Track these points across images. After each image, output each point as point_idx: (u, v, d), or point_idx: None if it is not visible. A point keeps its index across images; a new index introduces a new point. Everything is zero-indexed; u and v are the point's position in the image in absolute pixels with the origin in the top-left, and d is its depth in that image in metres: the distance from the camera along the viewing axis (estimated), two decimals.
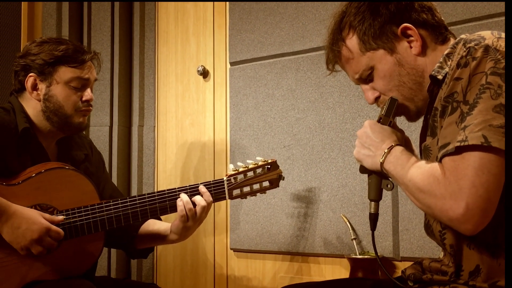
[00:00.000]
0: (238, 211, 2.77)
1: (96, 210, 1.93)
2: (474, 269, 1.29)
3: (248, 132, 2.78)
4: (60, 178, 1.92)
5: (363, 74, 1.47)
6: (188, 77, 3.07)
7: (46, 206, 1.88)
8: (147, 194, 1.99)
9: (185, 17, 3.11)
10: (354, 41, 1.45)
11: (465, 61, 1.23)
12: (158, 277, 3.10)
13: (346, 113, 2.47)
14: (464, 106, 1.21)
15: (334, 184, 2.49)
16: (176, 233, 2.07)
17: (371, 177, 1.47)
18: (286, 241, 2.61)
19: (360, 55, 1.45)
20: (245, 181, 2.04)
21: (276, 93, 2.70)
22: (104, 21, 3.17)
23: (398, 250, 2.31)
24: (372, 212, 1.50)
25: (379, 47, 1.42)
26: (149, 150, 3.17)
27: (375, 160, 1.41)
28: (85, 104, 2.05)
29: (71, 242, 1.91)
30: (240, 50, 2.83)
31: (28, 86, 2.02)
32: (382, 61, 1.43)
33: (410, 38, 1.41)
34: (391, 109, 1.44)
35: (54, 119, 2.02)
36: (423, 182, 1.25)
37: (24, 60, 2.03)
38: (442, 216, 1.21)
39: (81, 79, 2.03)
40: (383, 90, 1.46)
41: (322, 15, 2.56)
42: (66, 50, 2.01)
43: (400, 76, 1.42)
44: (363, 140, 1.45)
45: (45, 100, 2.02)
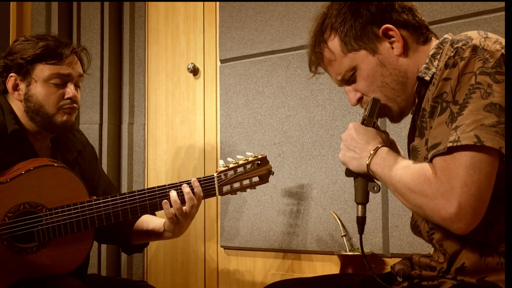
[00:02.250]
0: (229, 209, 2.77)
1: (85, 208, 1.90)
2: (460, 266, 1.30)
3: (238, 130, 2.78)
4: (49, 176, 1.89)
5: (345, 75, 1.46)
6: (179, 74, 3.07)
7: (35, 204, 1.86)
8: (137, 191, 1.97)
9: (175, 15, 3.10)
10: (336, 42, 1.45)
11: (453, 61, 1.24)
12: (149, 275, 3.10)
13: (336, 111, 2.48)
14: (453, 106, 1.21)
15: (324, 181, 2.49)
16: (169, 231, 2.05)
17: (357, 180, 1.45)
18: (276, 238, 2.61)
19: (342, 56, 1.44)
20: (235, 177, 2.03)
21: (266, 90, 2.70)
22: (93, 19, 3.16)
23: (388, 247, 2.32)
24: (360, 215, 1.48)
25: (361, 48, 1.42)
26: (139, 148, 3.16)
27: (361, 162, 1.40)
28: (68, 102, 1.98)
29: (60, 240, 1.89)
30: (230, 47, 2.83)
31: (9, 86, 1.98)
32: (364, 62, 1.43)
33: (392, 39, 1.41)
34: (374, 109, 1.43)
35: (37, 119, 1.97)
36: (414, 182, 1.25)
37: (5, 61, 1.99)
38: (434, 215, 1.22)
39: (61, 76, 1.97)
40: (365, 91, 1.45)
41: (312, 13, 2.56)
42: (44, 47, 1.95)
43: (383, 76, 1.42)
44: (348, 143, 1.44)
45: (25, 100, 1.97)
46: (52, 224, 1.87)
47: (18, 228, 1.84)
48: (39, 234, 1.86)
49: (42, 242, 1.87)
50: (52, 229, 1.87)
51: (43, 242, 1.87)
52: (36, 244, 1.86)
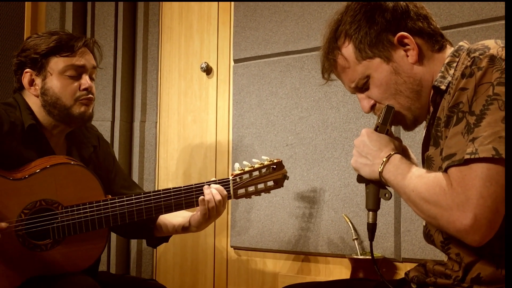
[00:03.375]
0: (239, 209, 2.77)
1: (101, 207, 1.91)
2: (476, 276, 1.29)
3: (250, 130, 2.77)
4: (66, 174, 1.90)
5: (359, 82, 1.45)
6: (191, 73, 3.06)
7: (51, 202, 1.87)
8: (152, 192, 1.98)
9: (189, 14, 3.10)
10: (350, 49, 1.43)
11: (470, 71, 1.22)
12: (158, 273, 3.10)
13: (350, 113, 2.47)
14: (470, 117, 1.20)
15: (337, 184, 2.48)
16: (196, 226, 2.07)
17: (368, 186, 1.44)
18: (287, 239, 2.61)
19: (356, 63, 1.43)
20: (250, 180, 2.04)
21: (280, 91, 2.69)
22: (108, 17, 3.16)
23: (400, 251, 2.31)
24: (370, 222, 1.47)
25: (375, 55, 1.41)
26: (151, 146, 3.16)
27: (373, 169, 1.39)
28: (84, 93, 1.99)
29: (74, 238, 1.90)
30: (244, 47, 2.82)
31: (25, 82, 2.00)
32: (378, 70, 1.41)
33: (407, 47, 1.40)
34: (387, 117, 1.42)
35: (55, 112, 1.98)
36: (429, 192, 1.24)
37: (19, 58, 2.01)
38: (449, 227, 1.21)
39: (76, 67, 1.98)
40: (379, 99, 1.44)
41: (327, 14, 2.55)
42: (57, 40, 1.97)
43: (397, 84, 1.41)
44: (360, 149, 1.43)
45: (42, 94, 1.98)
46: (67, 222, 1.88)
47: (33, 224, 1.85)
48: (54, 231, 1.87)
49: (57, 239, 1.88)
50: (67, 227, 1.88)
51: (58, 240, 1.88)
52: (51, 242, 1.88)
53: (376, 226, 1.48)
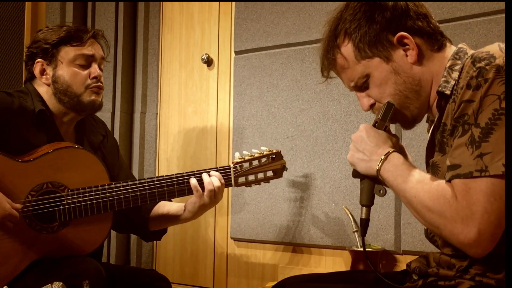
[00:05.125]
0: (240, 201, 2.77)
1: (106, 191, 1.96)
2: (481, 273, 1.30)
3: (251, 122, 2.77)
4: (72, 157, 1.95)
5: (358, 81, 1.44)
6: (192, 65, 3.06)
7: (58, 184, 1.91)
8: (156, 177, 2.02)
9: (190, 5, 3.09)
10: (349, 49, 1.42)
11: (477, 83, 1.21)
12: (158, 264, 3.11)
13: (351, 105, 2.47)
14: (475, 129, 1.20)
15: (337, 176, 2.49)
16: (191, 211, 2.09)
17: (363, 181, 1.45)
18: (287, 231, 2.61)
19: (356, 63, 1.42)
20: (250, 169, 2.08)
21: (281, 83, 2.69)
22: (108, 7, 3.16)
23: (400, 244, 2.32)
24: (363, 217, 1.46)
25: (375, 55, 1.40)
26: (151, 137, 3.16)
27: (370, 165, 1.40)
28: (94, 81, 2.07)
29: (80, 221, 1.94)
30: (245, 39, 2.82)
31: (37, 72, 2.07)
32: (378, 69, 1.41)
33: (406, 47, 1.39)
34: (387, 114, 1.42)
35: (65, 99, 2.05)
36: (432, 202, 1.24)
37: (30, 49, 2.09)
38: (452, 238, 1.22)
39: (85, 56, 2.06)
40: (378, 98, 1.44)
41: (329, 6, 2.55)
42: (67, 31, 2.06)
43: (396, 84, 1.40)
44: (358, 144, 1.43)
45: (53, 82, 2.05)
46: (73, 205, 1.92)
47: (40, 206, 1.89)
48: (61, 214, 1.91)
49: (63, 222, 1.92)
50: (73, 210, 1.92)
51: (64, 222, 1.92)
52: (57, 224, 1.92)
53: (369, 222, 1.48)
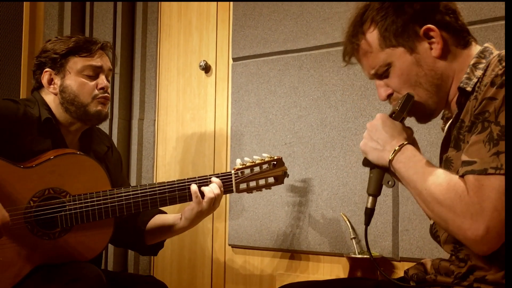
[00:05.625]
0: (237, 207, 2.77)
1: (107, 197, 1.97)
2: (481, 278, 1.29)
3: (249, 129, 2.77)
4: (74, 163, 1.96)
5: (379, 69, 1.44)
6: (190, 71, 3.06)
7: (59, 190, 1.92)
8: (157, 183, 2.04)
9: (188, 11, 3.10)
10: (374, 35, 1.42)
11: (501, 81, 1.21)
12: (155, 270, 3.10)
13: (349, 112, 2.47)
14: (495, 127, 1.20)
15: (335, 183, 2.49)
16: (188, 218, 2.10)
17: (373, 171, 1.44)
18: (285, 238, 2.61)
19: (379, 50, 1.42)
20: (252, 175, 2.10)
21: (278, 90, 2.69)
22: (106, 13, 3.16)
23: (398, 251, 2.32)
24: (369, 207, 1.47)
25: (399, 44, 1.40)
26: (149, 144, 3.16)
27: (383, 155, 1.39)
28: (101, 92, 2.09)
29: (82, 227, 1.95)
30: (243, 46, 2.82)
31: (45, 81, 2.09)
32: (401, 59, 1.41)
33: (432, 40, 1.39)
34: (406, 105, 1.41)
35: (72, 109, 2.07)
36: (443, 196, 1.23)
37: (39, 59, 2.11)
38: (459, 233, 1.21)
39: (93, 67, 2.08)
40: (397, 88, 1.43)
41: (326, 13, 2.56)
42: (76, 41, 2.08)
43: (417, 76, 1.40)
44: (372, 133, 1.42)
45: (61, 92, 2.07)
46: (75, 211, 1.93)
47: (42, 212, 1.90)
48: (62, 220, 1.92)
49: (65, 228, 1.93)
50: (74, 216, 1.93)
51: (66, 228, 1.93)
52: (59, 230, 1.92)
53: (373, 212, 1.48)
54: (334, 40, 2.53)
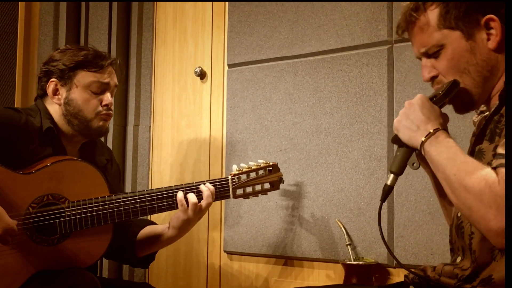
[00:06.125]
0: (233, 214, 2.77)
1: (106, 202, 1.97)
2: (487, 278, 1.29)
3: (244, 135, 2.77)
4: (72, 170, 1.97)
5: (430, 49, 1.43)
6: (185, 78, 3.06)
7: (58, 196, 1.93)
8: (155, 189, 2.05)
9: (184, 18, 3.10)
10: (435, 13, 1.41)
11: None
12: (150, 277, 3.10)
13: (344, 119, 2.48)
14: None
15: (330, 189, 2.49)
16: (176, 226, 2.10)
17: (400, 149, 1.44)
18: (280, 244, 2.61)
19: (436, 29, 1.41)
20: (248, 181, 2.13)
21: (274, 96, 2.70)
22: (101, 20, 3.16)
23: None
24: (388, 184, 1.45)
25: (458, 28, 1.39)
26: (144, 150, 3.16)
27: (415, 135, 1.38)
28: (105, 108, 2.10)
29: (80, 233, 1.95)
30: (238, 52, 2.83)
31: (50, 91, 2.09)
32: (455, 43, 1.40)
33: (491, 31, 1.37)
34: (450, 91, 1.40)
35: (75, 122, 2.08)
36: (472, 183, 1.21)
37: (47, 67, 2.11)
38: (481, 222, 1.20)
39: (101, 83, 2.09)
40: (444, 72, 1.43)
41: (321, 20, 2.57)
42: (86, 55, 2.08)
43: (468, 64, 1.39)
44: (409, 112, 1.41)
45: (65, 104, 2.08)
46: (73, 217, 1.93)
47: (41, 218, 1.90)
48: (61, 226, 1.93)
49: (64, 234, 1.93)
50: (73, 222, 1.93)
51: (64, 234, 1.94)
52: (58, 236, 1.93)
53: (392, 190, 1.47)
54: (329, 46, 2.54)
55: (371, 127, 2.40)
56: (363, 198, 2.40)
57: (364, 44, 2.45)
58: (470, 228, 1.36)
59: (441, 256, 2.18)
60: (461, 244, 1.41)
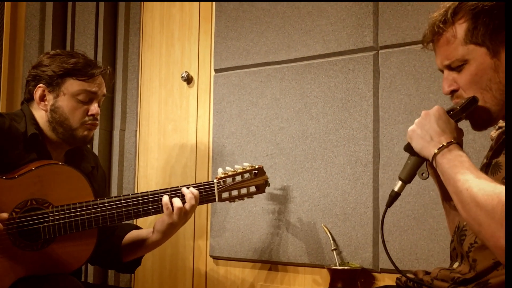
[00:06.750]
0: (219, 218, 2.77)
1: (90, 207, 1.96)
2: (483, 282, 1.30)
3: (231, 140, 2.78)
4: (56, 174, 1.96)
5: (454, 63, 1.43)
6: (172, 82, 3.06)
7: (42, 201, 1.92)
8: (140, 193, 2.04)
9: (171, 23, 3.10)
10: (463, 27, 1.41)
11: None
12: (136, 282, 3.08)
13: (330, 124, 2.49)
14: None
15: (316, 194, 2.50)
16: (160, 230, 2.09)
17: (412, 158, 1.45)
18: (266, 249, 2.61)
19: (462, 43, 1.41)
20: (234, 184, 2.13)
21: (260, 101, 2.70)
22: (88, 24, 3.15)
23: (378, 262, 2.33)
24: (396, 190, 1.47)
25: (484, 45, 1.39)
26: (130, 155, 3.15)
27: (428, 146, 1.38)
28: (91, 118, 2.09)
29: (65, 238, 1.94)
30: (225, 57, 2.83)
31: (36, 96, 2.07)
32: (480, 59, 1.40)
33: None
34: (468, 107, 1.40)
35: (60, 130, 2.06)
36: (484, 199, 1.20)
37: (36, 71, 2.09)
38: (490, 239, 1.19)
39: (88, 93, 2.07)
40: (465, 87, 1.43)
41: (308, 26, 2.58)
42: (76, 63, 2.06)
43: (490, 81, 1.39)
44: (425, 122, 1.41)
45: (51, 111, 2.06)
46: (57, 222, 1.92)
47: (24, 223, 1.89)
48: (45, 231, 1.91)
49: (47, 239, 1.92)
50: (57, 226, 1.92)
51: (48, 239, 1.92)
52: (42, 241, 1.92)
53: (398, 196, 1.48)
54: (315, 52, 2.55)
55: (356, 133, 2.41)
56: (348, 203, 2.41)
57: (350, 50, 2.46)
58: (473, 238, 1.37)
59: (426, 261, 2.19)
60: (460, 251, 1.41)
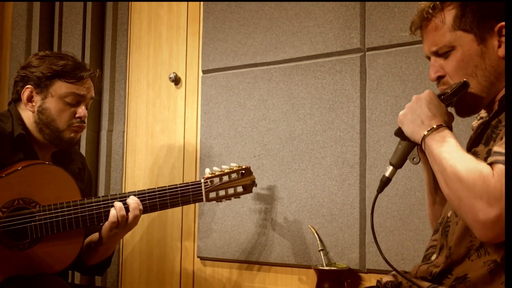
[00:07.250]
0: (206, 219, 2.77)
1: (78, 207, 1.96)
2: (462, 277, 1.31)
3: (218, 141, 2.78)
4: (43, 174, 1.95)
5: (441, 49, 1.45)
6: (160, 83, 3.06)
7: (29, 201, 1.91)
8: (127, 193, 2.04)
9: (158, 24, 3.10)
10: (451, 14, 1.43)
11: None
12: (123, 283, 3.08)
13: (317, 125, 2.50)
14: None
15: (303, 195, 2.51)
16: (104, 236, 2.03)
17: (403, 143, 1.46)
18: (253, 250, 2.62)
19: (450, 29, 1.43)
20: (221, 184, 2.14)
21: (248, 102, 2.71)
22: (75, 24, 3.14)
23: (364, 262, 2.34)
24: (387, 175, 1.47)
25: (472, 31, 1.40)
26: (118, 156, 3.15)
27: (419, 130, 1.39)
28: (78, 121, 2.09)
29: (52, 238, 1.93)
30: (213, 58, 2.84)
31: (24, 97, 2.07)
32: (467, 46, 1.41)
33: (503, 38, 1.39)
34: (459, 91, 1.41)
35: (46, 131, 2.06)
36: (467, 174, 1.23)
37: (24, 72, 2.09)
38: (468, 213, 1.22)
39: (76, 95, 2.07)
40: (451, 73, 1.44)
41: (295, 28, 2.59)
42: (64, 66, 2.06)
43: (476, 67, 1.41)
44: (416, 106, 1.42)
45: (38, 112, 2.06)
46: (45, 221, 1.91)
47: (11, 223, 1.88)
48: (32, 230, 1.91)
49: (35, 238, 1.91)
50: (44, 226, 1.91)
51: (35, 239, 1.91)
52: (28, 241, 1.91)
53: (389, 182, 1.48)
54: (303, 53, 2.56)
55: (343, 134, 2.43)
56: (335, 204, 2.42)
57: (337, 51, 2.48)
58: (455, 228, 1.38)
59: (412, 262, 2.21)
60: (442, 241, 1.43)
